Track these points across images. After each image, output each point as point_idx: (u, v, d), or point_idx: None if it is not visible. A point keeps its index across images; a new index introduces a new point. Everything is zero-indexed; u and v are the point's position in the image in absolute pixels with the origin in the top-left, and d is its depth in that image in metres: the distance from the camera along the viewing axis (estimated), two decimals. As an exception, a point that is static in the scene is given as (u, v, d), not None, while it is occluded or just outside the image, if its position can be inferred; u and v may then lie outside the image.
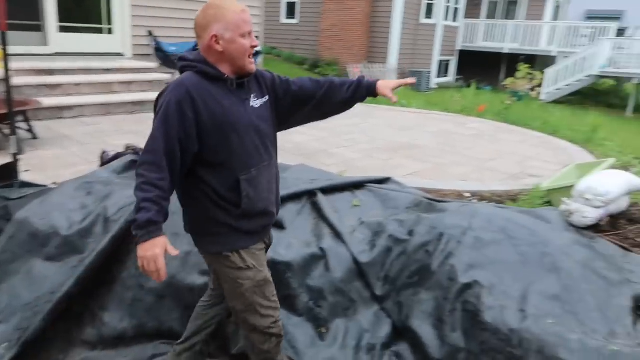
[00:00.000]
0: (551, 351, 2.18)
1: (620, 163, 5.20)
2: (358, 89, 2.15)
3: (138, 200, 1.71)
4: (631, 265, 2.85)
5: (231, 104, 1.83)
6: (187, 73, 1.83)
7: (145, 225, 1.70)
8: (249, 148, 1.87)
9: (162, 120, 1.73)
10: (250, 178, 1.87)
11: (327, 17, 15.92)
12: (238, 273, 1.93)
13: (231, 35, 1.78)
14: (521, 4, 19.11)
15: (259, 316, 2.02)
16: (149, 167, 1.72)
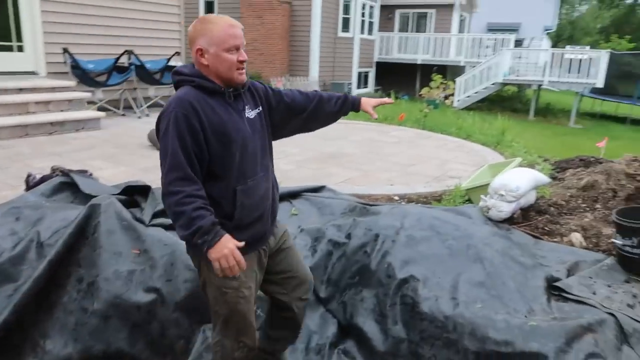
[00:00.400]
0: (481, 332, 2.42)
1: (526, 162, 5.74)
2: (344, 104, 2.28)
3: (187, 212, 1.71)
4: (542, 251, 3.22)
5: (229, 115, 1.88)
6: (185, 88, 1.86)
7: (212, 228, 1.73)
8: (247, 159, 1.92)
9: (175, 136, 1.75)
10: (246, 189, 1.92)
11: (247, 31, 15.94)
12: (223, 281, 1.93)
13: (215, 50, 1.83)
14: (430, 17, 20.31)
15: (240, 324, 2.06)
16: (182, 182, 1.74)
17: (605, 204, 4.05)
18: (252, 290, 2.06)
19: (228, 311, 2.03)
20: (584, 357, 2.23)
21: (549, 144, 10.49)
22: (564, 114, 17.13)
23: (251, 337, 2.13)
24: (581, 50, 17.45)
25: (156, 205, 3.21)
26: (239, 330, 2.08)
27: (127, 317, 2.67)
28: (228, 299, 1.98)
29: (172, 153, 1.76)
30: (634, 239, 2.95)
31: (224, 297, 1.99)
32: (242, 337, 2.10)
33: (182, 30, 9.89)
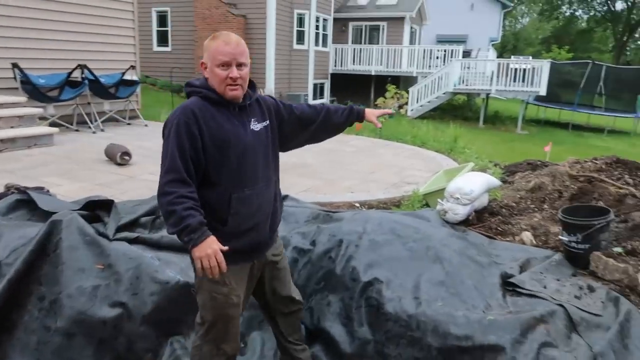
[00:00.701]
0: (443, 328, 2.53)
1: (478, 167, 6.00)
2: (350, 115, 2.41)
3: (178, 211, 1.79)
4: (496, 250, 3.40)
5: (232, 126, 1.97)
6: (193, 98, 1.98)
7: (199, 227, 1.81)
8: (245, 168, 1.99)
9: (175, 141, 1.87)
10: (243, 197, 1.99)
11: (201, 44, 15.79)
12: (213, 286, 2.01)
13: (210, 64, 1.95)
14: (382, 30, 20.84)
15: (222, 331, 2.11)
16: (176, 184, 1.84)
17: (552, 204, 4.30)
18: (240, 299, 2.10)
19: (214, 317, 2.08)
20: (538, 346, 2.37)
21: (499, 150, 10.96)
22: (512, 121, 17.93)
23: (232, 345, 2.17)
24: (524, 60, 18.33)
25: (119, 219, 3.19)
26: (221, 337, 2.13)
27: (93, 333, 2.63)
28: (216, 304, 2.04)
29: (170, 156, 1.86)
30: (579, 235, 3.17)
31: (212, 303, 2.04)
32: (223, 344, 2.14)
33: (137, 44, 9.76)
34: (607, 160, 4.92)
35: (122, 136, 7.89)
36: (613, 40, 46.72)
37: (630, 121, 18.49)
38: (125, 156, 5.80)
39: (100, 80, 8.48)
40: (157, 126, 9.43)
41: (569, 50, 41.89)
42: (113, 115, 9.18)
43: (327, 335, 2.84)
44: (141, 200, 3.79)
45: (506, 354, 2.36)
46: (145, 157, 6.29)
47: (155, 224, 3.44)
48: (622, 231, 3.63)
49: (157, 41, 17.18)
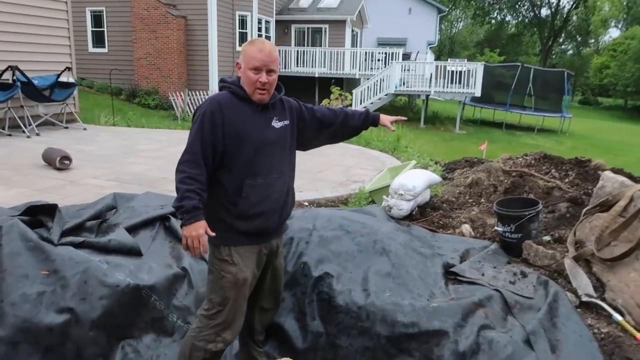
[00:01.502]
0: (391, 317, 2.66)
1: (420, 164, 6.26)
2: (366, 119, 2.59)
3: (182, 191, 2.04)
4: (438, 242, 3.59)
5: (253, 120, 2.19)
6: (223, 92, 2.22)
7: (191, 210, 2.03)
8: (260, 159, 2.19)
9: (199, 127, 2.10)
10: (255, 184, 2.18)
11: (140, 45, 15.51)
12: (223, 265, 2.21)
13: (244, 66, 2.16)
14: (324, 32, 21.10)
15: (229, 315, 2.23)
16: (189, 164, 2.08)
17: (488, 198, 4.58)
18: (247, 281, 2.25)
19: (222, 299, 2.22)
20: (477, 329, 2.55)
21: (439, 148, 11.42)
22: (450, 121, 18.68)
23: (233, 332, 2.29)
24: (460, 63, 19.14)
25: (64, 224, 3.11)
26: (225, 323, 2.24)
27: (39, 341, 2.56)
28: (224, 283, 2.21)
29: (192, 139, 2.11)
30: (512, 225, 3.41)
31: (221, 282, 2.20)
32: (225, 331, 2.25)
33: (72, 45, 9.38)
34: (536, 156, 5.29)
35: (60, 140, 7.57)
36: (540, 44, 49.64)
37: (557, 120, 19.75)
38: (65, 160, 5.60)
39: (33, 83, 8.10)
40: (97, 130, 9.17)
41: (501, 53, 44.13)
42: (49, 119, 8.78)
43: (281, 331, 2.90)
44: (86, 205, 3.69)
45: (449, 337, 2.52)
46: (87, 161, 6.09)
47: (102, 228, 3.38)
48: (550, 221, 3.93)
49: (92, 42, 16.53)
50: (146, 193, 4.00)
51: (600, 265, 3.07)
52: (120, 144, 7.75)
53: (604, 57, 43.95)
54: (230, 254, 2.20)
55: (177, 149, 7.52)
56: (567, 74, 20.17)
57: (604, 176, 3.57)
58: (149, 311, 2.82)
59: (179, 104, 13.69)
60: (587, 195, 4.12)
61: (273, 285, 2.56)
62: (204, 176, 2.10)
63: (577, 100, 46.58)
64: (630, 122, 32.07)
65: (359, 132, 2.66)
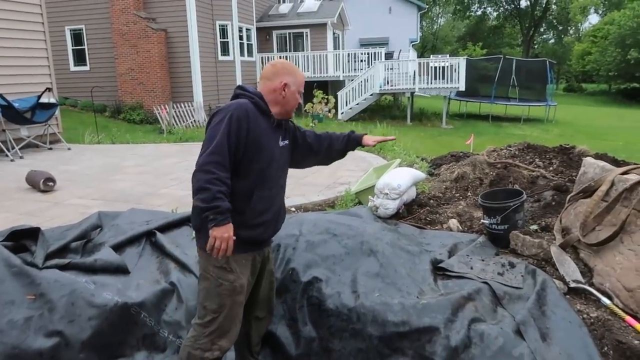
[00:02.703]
0: (382, 317, 2.66)
1: (406, 162, 6.28)
2: (349, 141, 2.71)
3: (213, 191, 2.03)
4: (426, 239, 3.60)
5: (268, 134, 2.29)
6: (245, 100, 2.24)
7: (225, 212, 2.05)
8: (271, 172, 2.29)
9: (227, 129, 2.11)
10: (263, 195, 2.26)
11: (122, 61, 15.45)
12: (220, 272, 2.21)
13: (295, 88, 2.33)
14: (306, 37, 21.13)
15: (225, 323, 2.24)
16: (217, 166, 2.07)
17: (474, 191, 4.60)
18: (244, 289, 2.27)
19: (218, 306, 2.22)
20: (468, 322, 2.56)
21: (426, 145, 11.46)
22: (437, 116, 18.76)
23: (230, 339, 2.29)
24: (443, 59, 19.25)
25: (48, 246, 3.09)
26: (221, 330, 2.24)
27: (28, 367, 2.54)
28: (221, 291, 2.22)
29: (219, 140, 2.09)
30: (497, 217, 3.43)
31: (218, 290, 2.21)
32: (221, 339, 2.25)
33: (51, 65, 9.33)
34: (519, 147, 5.33)
35: (43, 162, 7.51)
36: (521, 35, 50.06)
37: (542, 109, 19.91)
38: (49, 182, 5.55)
39: (13, 106, 8.04)
40: (82, 149, 9.12)
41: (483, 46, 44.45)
42: (32, 141, 8.71)
43: (273, 339, 2.90)
44: (70, 225, 3.67)
45: (441, 333, 2.53)
46: (71, 182, 6.05)
47: (87, 248, 3.36)
48: (536, 210, 3.96)
49: (74, 60, 16.44)
50: (131, 210, 3.98)
51: (587, 251, 3.09)
52: (104, 161, 7.71)
53: (585, 43, 44.43)
54: (229, 262, 2.22)
55: (162, 162, 7.51)
56: (550, 62, 20.36)
57: (586, 162, 3.60)
58: (140, 328, 2.81)
59: (164, 117, 13.64)
60: (571, 182, 4.15)
61: (267, 293, 2.58)
62: (229, 180, 2.12)
63: (561, 88, 47.03)
64: (615, 106, 32.40)
65: (344, 154, 2.78)
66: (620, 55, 34.91)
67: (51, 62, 9.34)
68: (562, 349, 2.39)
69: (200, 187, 2.05)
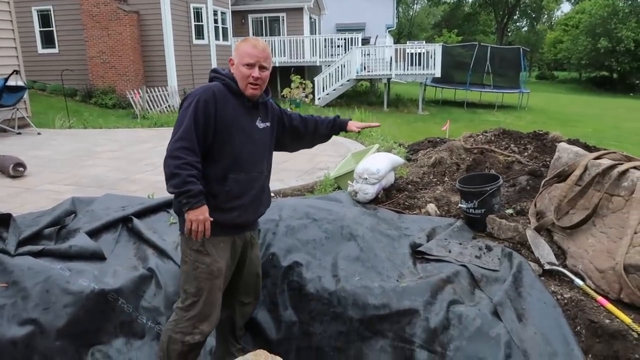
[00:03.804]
0: (362, 300, 2.69)
1: (384, 147, 6.30)
2: (334, 126, 2.72)
3: (183, 176, 2.03)
4: (405, 223, 3.63)
5: (242, 115, 2.25)
6: (216, 82, 2.24)
7: (198, 195, 2.06)
8: (245, 155, 2.26)
9: (193, 113, 2.10)
10: (238, 178, 2.24)
11: (92, 44, 15.00)
12: (196, 255, 2.22)
13: (237, 62, 2.23)
14: (282, 21, 20.90)
15: (204, 307, 2.24)
16: (186, 151, 2.07)
17: (451, 176, 4.66)
18: (222, 273, 2.26)
19: (196, 289, 2.22)
20: (447, 304, 2.60)
21: (403, 131, 11.53)
22: (413, 103, 18.88)
23: (211, 323, 2.29)
24: (419, 45, 19.32)
25: (20, 233, 3.00)
26: (201, 314, 2.24)
27: (2, 356, 2.49)
28: (198, 274, 2.21)
29: (186, 126, 2.09)
30: (474, 201, 3.48)
31: (195, 272, 2.21)
32: (201, 323, 2.25)
33: (18, 47, 8.99)
34: (495, 133, 5.40)
35: (12, 147, 7.27)
36: (495, 23, 50.55)
37: (516, 96, 20.21)
38: (19, 167, 5.39)
39: (-21, 88, 7.75)
40: (53, 133, 8.87)
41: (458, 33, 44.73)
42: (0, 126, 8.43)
43: (254, 323, 2.90)
44: (43, 212, 3.57)
45: (420, 315, 2.57)
46: (43, 167, 5.88)
47: (61, 234, 3.28)
48: (511, 194, 4.03)
49: (41, 42, 15.89)
50: (106, 195, 3.90)
51: (561, 234, 3.17)
52: (77, 146, 7.51)
53: (557, 32, 45.16)
54: (204, 244, 2.21)
55: (136, 147, 7.36)
56: (523, 50, 20.63)
57: (560, 147, 3.67)
58: (117, 315, 2.77)
59: (138, 102, 13.36)
60: (545, 167, 4.23)
61: (251, 278, 2.57)
62: (199, 164, 2.11)
63: (534, 75, 47.83)
64: (585, 94, 33.16)
65: (328, 138, 2.80)
66: (590, 44, 35.63)
67: (18, 44, 9.01)
68: (537, 328, 2.45)
69: (171, 172, 2.06)
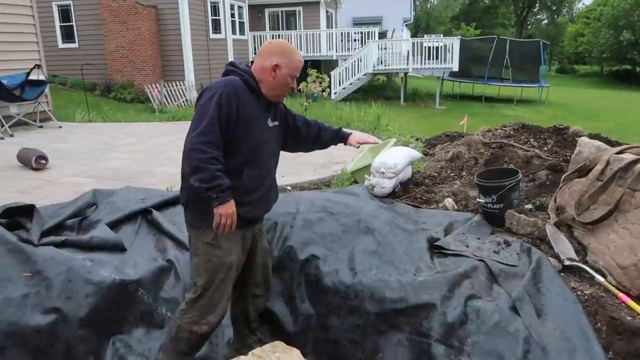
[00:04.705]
0: (379, 294, 2.69)
1: (401, 142, 6.27)
2: (336, 137, 2.75)
3: (212, 170, 2.03)
4: (422, 218, 3.61)
5: (257, 113, 2.26)
6: (235, 77, 2.21)
7: (228, 189, 2.08)
8: (261, 151, 2.28)
9: (217, 107, 2.08)
10: (253, 175, 2.26)
11: (111, 38, 15.17)
12: (208, 248, 2.23)
13: (287, 71, 2.24)
14: (299, 15, 20.86)
15: (213, 298, 2.27)
16: (211, 145, 2.06)
17: (469, 171, 4.62)
18: (233, 265, 2.28)
19: (206, 281, 2.24)
20: (465, 299, 2.59)
21: (420, 125, 11.46)
22: (430, 97, 18.72)
23: (218, 315, 2.32)
24: (436, 39, 19.11)
25: (43, 224, 3.06)
26: (210, 305, 2.28)
27: (27, 343, 2.54)
28: (210, 267, 2.24)
29: (209, 119, 2.07)
30: (493, 196, 3.44)
31: (206, 265, 2.23)
32: (209, 314, 2.28)
33: (40, 41, 9.14)
34: (514, 127, 5.33)
35: (35, 140, 7.42)
36: (515, 16, 49.75)
37: (535, 90, 19.92)
38: (42, 160, 5.49)
39: (2, 82, 7.89)
40: (73, 127, 9.00)
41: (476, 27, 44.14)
42: (22, 119, 8.59)
43: (271, 315, 2.92)
44: (65, 203, 3.64)
45: (437, 309, 2.56)
46: (64, 160, 5.99)
47: (83, 225, 3.34)
48: (531, 189, 3.98)
49: (62, 37, 16.11)
50: (126, 187, 3.95)
51: (581, 229, 3.13)
52: (97, 139, 7.62)
53: (578, 24, 44.31)
54: (217, 238, 2.22)
55: (155, 141, 7.44)
56: (543, 43, 20.30)
57: (581, 142, 3.61)
58: (138, 305, 2.82)
59: (156, 96, 13.48)
60: (565, 162, 4.17)
61: (261, 269, 2.59)
62: (222, 157, 2.12)
63: (554, 69, 46.99)
64: (607, 88, 32.51)
65: (327, 147, 2.82)
66: (612, 37, 34.89)
67: (40, 38, 9.16)
68: (556, 324, 2.43)
69: (197, 166, 2.04)
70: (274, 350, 2.52)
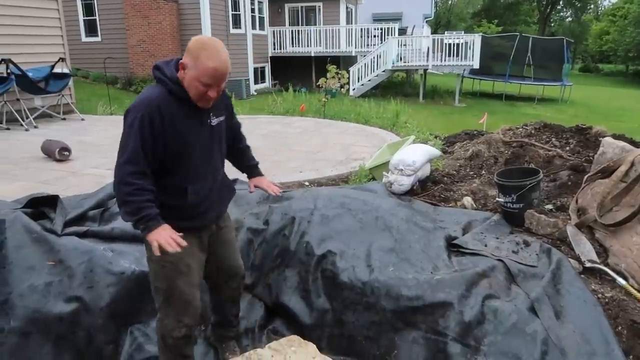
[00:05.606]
0: (395, 291, 2.69)
1: (420, 139, 6.23)
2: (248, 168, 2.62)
3: (137, 202, 1.93)
4: (440, 216, 3.60)
5: (191, 124, 2.07)
6: (158, 88, 2.01)
7: (155, 217, 1.96)
8: (202, 163, 2.15)
9: (139, 134, 1.93)
10: (198, 189, 2.15)
11: (133, 32, 15.35)
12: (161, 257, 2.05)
13: (194, 75, 1.95)
14: (318, 10, 20.82)
15: (179, 302, 2.20)
16: (137, 176, 1.94)
17: (489, 170, 4.57)
18: (191, 269, 2.21)
19: (167, 286, 2.18)
20: (482, 299, 2.57)
21: (438, 122, 11.36)
22: (449, 94, 18.53)
23: (192, 315, 2.26)
24: (457, 35, 18.89)
25: (66, 214, 3.12)
26: (180, 308, 2.22)
27: (49, 330, 2.60)
28: (166, 273, 2.16)
29: (132, 148, 1.94)
30: (513, 195, 3.41)
31: (162, 272, 2.16)
32: (183, 316, 2.22)
33: (64, 35, 9.29)
34: (535, 126, 5.26)
35: (58, 132, 7.56)
36: (538, 13, 48.90)
37: (557, 89, 19.57)
38: (65, 152, 5.59)
39: (27, 75, 8.05)
40: (95, 120, 9.14)
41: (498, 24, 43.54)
42: (46, 111, 8.75)
43: (286, 309, 2.93)
44: (87, 194, 3.71)
45: (454, 308, 2.54)
46: (86, 152, 6.09)
47: (104, 217, 3.39)
48: (551, 189, 3.93)
49: (85, 31, 16.36)
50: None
51: (603, 231, 3.08)
52: (118, 132, 7.58)
53: (603, 22, 43.40)
54: None
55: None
56: (567, 41, 19.90)
57: (605, 142, 3.55)
58: (152, 299, 2.85)
59: (176, 90, 13.58)
60: (588, 162, 4.10)
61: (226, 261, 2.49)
62: (152, 184, 2.00)
63: (577, 68, 46.13)
64: (632, 88, 31.79)
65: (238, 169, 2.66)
66: (639, 36, 34.07)
67: (64, 32, 9.31)
68: (576, 327, 2.40)
69: (123, 200, 1.96)
70: (290, 344, 2.54)
